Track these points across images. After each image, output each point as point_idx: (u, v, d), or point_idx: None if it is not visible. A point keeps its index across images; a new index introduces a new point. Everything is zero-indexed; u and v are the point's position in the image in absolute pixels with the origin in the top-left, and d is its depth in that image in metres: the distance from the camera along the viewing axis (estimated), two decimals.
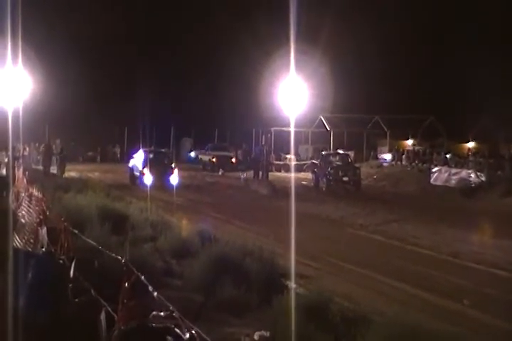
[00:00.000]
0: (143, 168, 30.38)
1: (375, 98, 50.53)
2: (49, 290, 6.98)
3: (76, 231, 9.64)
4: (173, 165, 31.35)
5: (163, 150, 37.65)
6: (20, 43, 20.04)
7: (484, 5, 51.72)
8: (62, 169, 35.14)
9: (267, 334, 7.73)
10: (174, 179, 22.91)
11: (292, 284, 10.36)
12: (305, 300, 8.89)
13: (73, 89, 48.94)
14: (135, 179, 31.71)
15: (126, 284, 5.97)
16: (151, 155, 32.54)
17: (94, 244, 8.98)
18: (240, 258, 10.92)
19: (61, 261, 7.76)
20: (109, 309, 6.46)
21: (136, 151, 34.39)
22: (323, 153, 38.68)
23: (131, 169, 33.30)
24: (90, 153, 54.86)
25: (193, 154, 51.43)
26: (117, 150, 56.70)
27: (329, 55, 44.87)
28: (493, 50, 51.06)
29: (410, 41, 54.19)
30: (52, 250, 8.94)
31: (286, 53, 19.46)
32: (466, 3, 52.68)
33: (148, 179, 22.83)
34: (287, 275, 10.75)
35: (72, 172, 35.30)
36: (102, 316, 6.34)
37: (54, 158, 37.33)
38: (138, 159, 32.72)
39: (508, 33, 50.33)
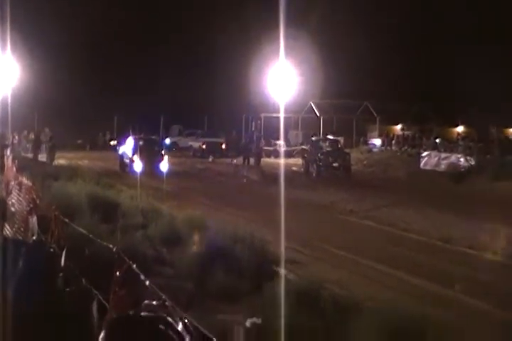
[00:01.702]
0: (132, 154, 30.38)
1: (364, 84, 50.45)
2: (40, 279, 6.96)
3: (67, 220, 9.62)
4: (162, 152, 31.36)
5: (152, 137, 37.58)
6: (8, 31, 19.89)
7: None
8: (51, 157, 35.04)
9: (259, 321, 7.75)
10: (164, 166, 22.87)
11: (282, 270, 10.38)
12: (295, 287, 8.91)
13: (63, 77, 48.66)
14: (125, 166, 31.74)
15: (118, 273, 5.96)
16: (141, 142, 32.49)
17: (85, 232, 8.96)
18: (230, 245, 10.93)
19: (52, 250, 7.75)
20: (101, 298, 6.45)
21: (125, 139, 34.37)
22: (313, 138, 38.59)
23: (121, 156, 33.33)
24: (80, 141, 54.69)
25: (167, 141, 51.07)
26: (107, 137, 56.55)
27: (319, 40, 44.70)
28: (482, 36, 51.13)
29: (400, 28, 54.09)
30: (43, 239, 8.92)
31: (275, 39, 19.41)
32: None
33: (138, 166, 22.76)
34: (278, 261, 10.77)
35: (61, 160, 35.19)
36: (94, 305, 6.34)
37: (43, 146, 37.20)
38: (128, 146, 32.65)
39: (492, 19, 50.41)
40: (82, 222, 11.39)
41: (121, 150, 33.77)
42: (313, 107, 52.79)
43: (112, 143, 56.82)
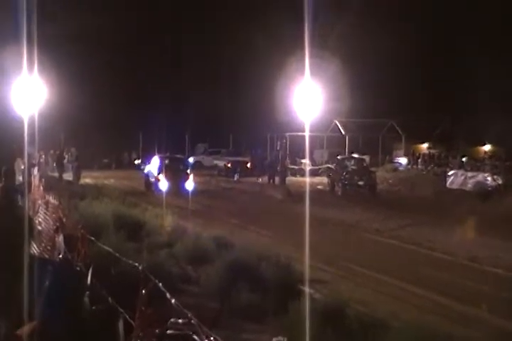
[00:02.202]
0: (158, 173, 30.46)
1: (389, 102, 50.39)
2: (66, 298, 7.00)
3: (93, 238, 9.68)
4: (188, 171, 31.42)
5: (177, 156, 37.65)
6: (35, 51, 20.15)
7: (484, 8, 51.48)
8: (77, 176, 35.30)
9: (284, 340, 7.72)
10: (189, 185, 22.90)
11: (307, 289, 10.33)
12: (321, 305, 8.87)
13: (90, 97, 49.19)
14: (150, 185, 31.70)
15: (144, 291, 5.98)
16: (167, 161, 32.60)
17: (111, 250, 9.00)
18: (255, 264, 10.92)
19: (78, 268, 7.80)
20: (127, 316, 6.47)
21: (150, 158, 34.50)
22: (339, 157, 38.49)
23: (147, 175, 33.28)
24: (106, 160, 55.16)
25: (191, 159, 51.03)
26: (132, 157, 56.99)
27: (343, 59, 44.82)
28: (504, 51, 50.83)
29: (423, 44, 54.02)
30: (70, 257, 8.98)
31: (300, 57, 19.45)
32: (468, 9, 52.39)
33: (163, 185, 22.81)
34: (303, 280, 10.73)
35: (87, 179, 35.44)
36: (120, 323, 6.36)
37: (70, 166, 37.54)
38: (153, 165, 32.77)
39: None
40: (108, 241, 11.44)
41: (147, 169, 33.72)
42: (339, 126, 52.81)
43: (137, 162, 57.21)
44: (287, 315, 8.68)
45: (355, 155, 41.20)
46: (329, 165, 38.22)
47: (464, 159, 42.78)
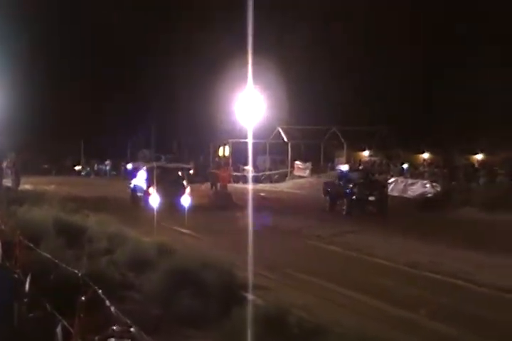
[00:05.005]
0: (148, 187, 27.08)
1: (331, 110, 50.95)
2: (3, 306, 6.87)
3: (31, 245, 9.52)
4: (184, 183, 28.39)
5: (173, 164, 34.61)
6: None
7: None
8: (17, 182, 34.66)
9: None
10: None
11: (250, 296, 10.33)
12: (263, 311, 8.87)
13: (29, 101, 48.40)
14: (138, 200, 28.17)
15: (83, 298, 5.91)
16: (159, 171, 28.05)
17: (50, 257, 8.87)
18: (199, 271, 10.87)
19: (16, 276, 7.66)
20: (66, 323, 6.37)
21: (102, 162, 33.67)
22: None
23: (134, 189, 29.83)
24: (46, 166, 54.48)
25: (129, 166, 50.59)
26: (72, 163, 56.85)
27: (285, 66, 45.11)
28: (447, 60, 51.98)
29: (365, 53, 54.83)
30: (7, 264, 8.81)
31: (243, 65, 19.53)
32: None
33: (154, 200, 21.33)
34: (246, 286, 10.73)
35: (27, 185, 34.84)
36: (58, 330, 6.26)
37: (9, 171, 36.84)
38: (141, 177, 29.14)
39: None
40: (47, 247, 11.25)
41: (134, 181, 30.04)
42: (281, 133, 53.04)
43: (77, 168, 56.73)
44: (229, 322, 8.65)
45: (298, 163, 41.27)
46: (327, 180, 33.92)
47: (404, 166, 43.48)
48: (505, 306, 11.64)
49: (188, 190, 26.51)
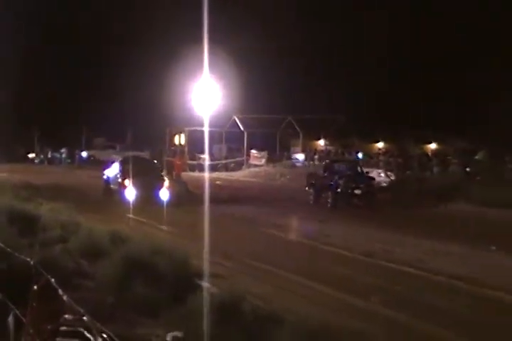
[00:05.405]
0: (123, 179, 25.29)
1: (287, 98, 51.10)
2: None
3: None
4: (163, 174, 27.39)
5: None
6: None
7: None
8: None
9: (180, 334, 7.71)
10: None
11: (205, 284, 10.34)
12: (218, 300, 8.90)
13: None
14: (112, 193, 26.39)
15: (35, 287, 5.85)
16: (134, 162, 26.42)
17: (2, 245, 8.77)
18: (154, 259, 10.84)
19: None
20: (18, 313, 6.31)
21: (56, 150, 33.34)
22: (327, 161, 33.47)
23: (107, 181, 28.05)
24: None
25: (84, 154, 50.22)
26: (25, 150, 56.10)
27: (242, 55, 45.08)
28: (402, 51, 52.44)
29: (319, 42, 55.06)
30: None
31: (199, 54, 19.44)
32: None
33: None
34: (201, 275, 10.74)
35: None
36: (10, 320, 6.21)
37: None
38: (115, 168, 27.60)
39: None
40: None
41: (107, 172, 28.35)
42: (237, 121, 53.05)
43: (31, 156, 56.03)
44: (183, 309, 8.66)
45: (254, 151, 41.05)
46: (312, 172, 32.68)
47: (359, 155, 43.87)
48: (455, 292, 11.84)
49: (166, 182, 25.00)
